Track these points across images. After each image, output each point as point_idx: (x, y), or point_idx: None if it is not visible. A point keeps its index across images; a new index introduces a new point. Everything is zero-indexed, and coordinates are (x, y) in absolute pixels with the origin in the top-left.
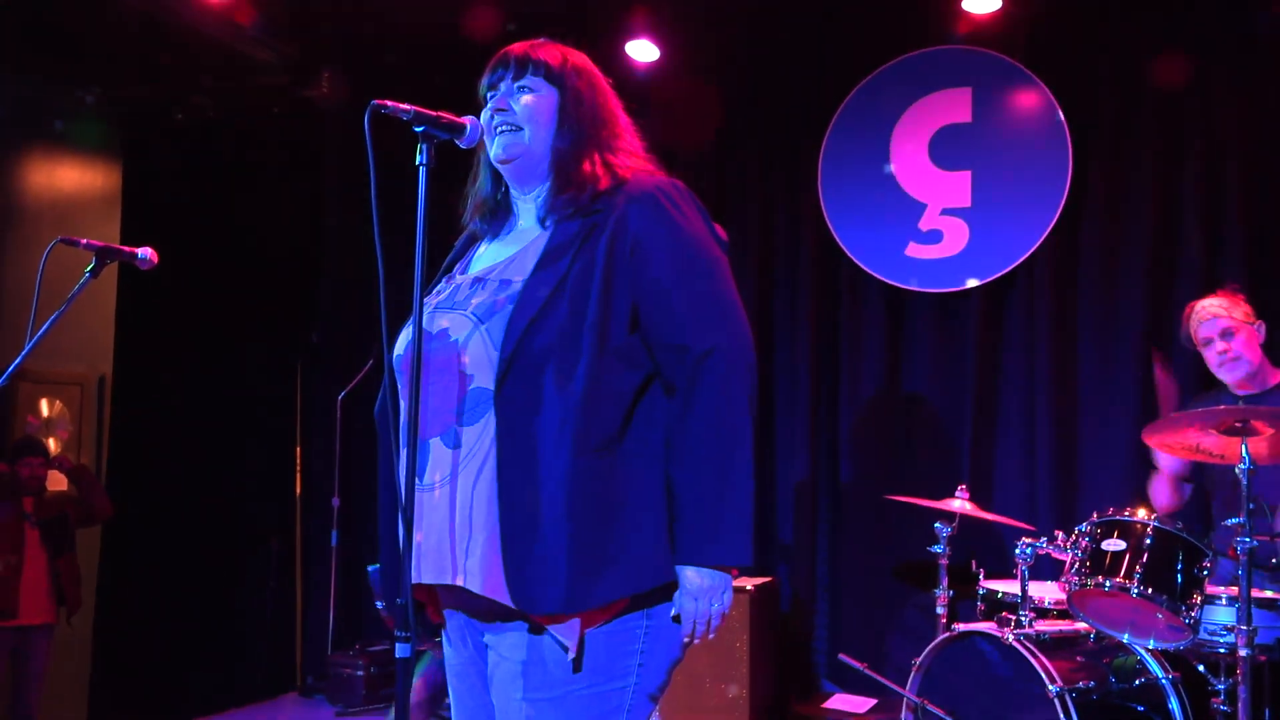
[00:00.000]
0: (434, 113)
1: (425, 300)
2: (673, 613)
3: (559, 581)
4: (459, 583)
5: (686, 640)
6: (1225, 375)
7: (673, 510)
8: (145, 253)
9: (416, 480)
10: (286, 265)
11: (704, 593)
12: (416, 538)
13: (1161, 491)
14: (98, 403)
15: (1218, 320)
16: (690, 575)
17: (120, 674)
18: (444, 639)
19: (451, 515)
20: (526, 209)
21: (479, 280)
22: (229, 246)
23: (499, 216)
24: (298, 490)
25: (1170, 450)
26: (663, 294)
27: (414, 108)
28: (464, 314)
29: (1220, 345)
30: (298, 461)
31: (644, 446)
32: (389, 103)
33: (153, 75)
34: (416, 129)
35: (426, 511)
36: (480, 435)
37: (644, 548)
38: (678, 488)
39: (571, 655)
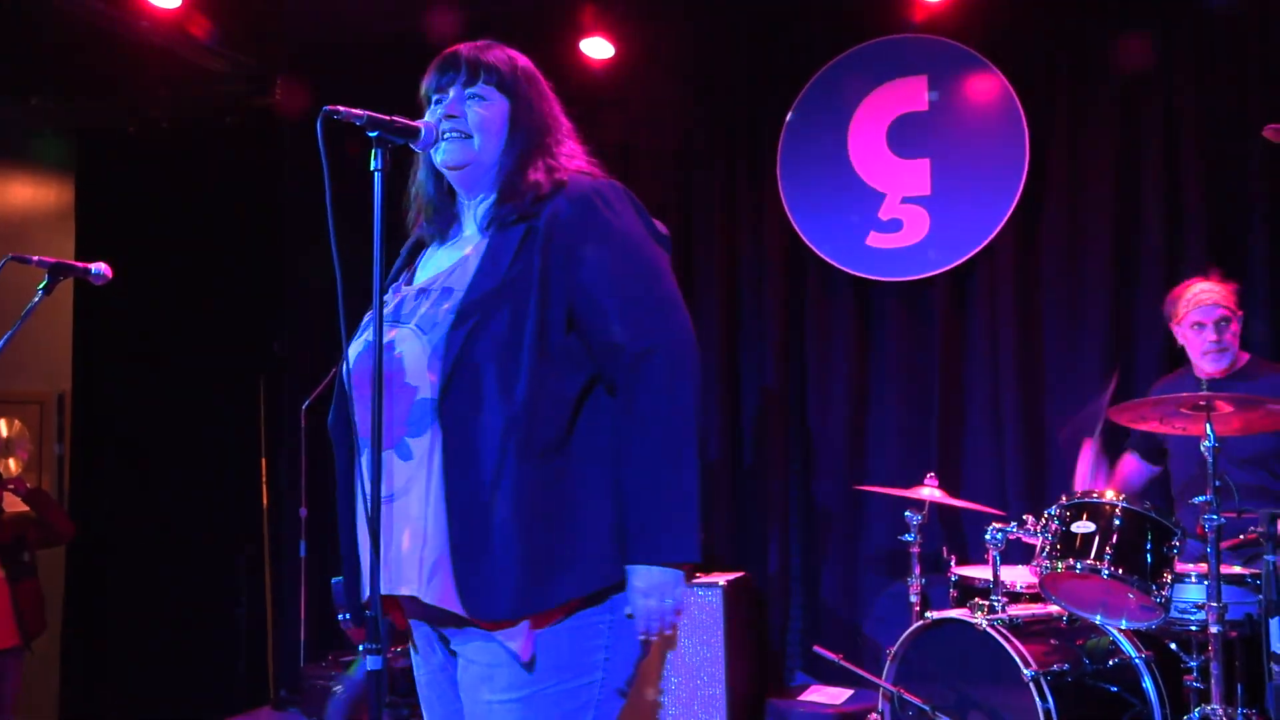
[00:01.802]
0: (387, 117)
1: (373, 313)
2: (626, 610)
3: (508, 589)
4: (415, 594)
5: (643, 638)
6: (1208, 364)
7: (622, 510)
8: (99, 268)
9: (362, 490)
10: (246, 275)
11: (654, 590)
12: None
13: (1122, 471)
14: (58, 421)
15: (1217, 308)
16: (640, 573)
17: (89, 693)
18: (411, 649)
19: (405, 527)
20: (470, 215)
21: (423, 291)
22: (187, 258)
23: (443, 219)
24: (264, 502)
25: (1137, 425)
26: (596, 295)
27: (367, 113)
28: (408, 327)
29: (1213, 335)
30: (263, 473)
31: (592, 447)
32: (342, 108)
33: (105, 88)
34: (371, 134)
35: (386, 523)
36: (427, 447)
37: (595, 549)
38: (625, 488)
39: (524, 660)
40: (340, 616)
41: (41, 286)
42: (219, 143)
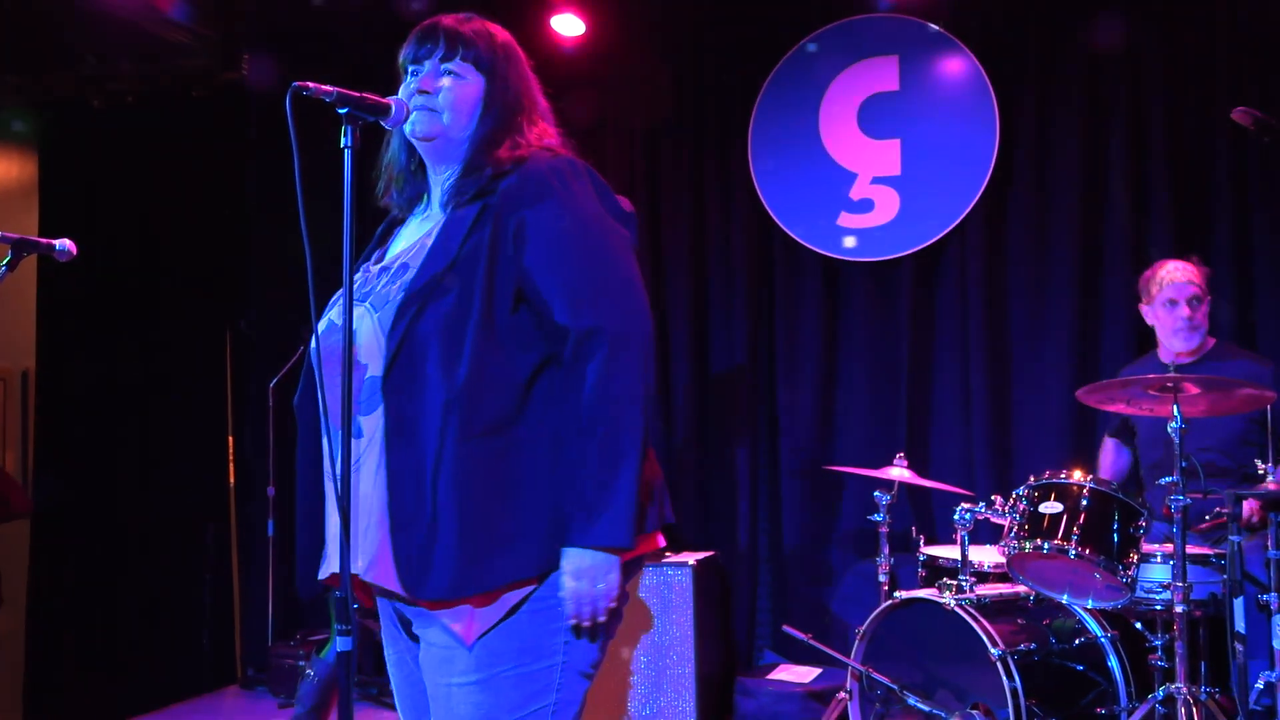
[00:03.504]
0: (357, 94)
1: (340, 292)
2: (560, 593)
3: (445, 567)
4: (358, 572)
5: (572, 623)
6: (1179, 341)
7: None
8: (64, 244)
9: (330, 469)
10: (213, 251)
11: (584, 573)
12: (332, 531)
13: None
14: (21, 397)
15: (1190, 285)
16: (571, 555)
17: (56, 672)
18: (382, 631)
19: (354, 505)
20: (437, 190)
21: (385, 269)
22: (153, 234)
23: (413, 190)
24: (231, 480)
25: (1105, 406)
26: (542, 274)
27: (336, 89)
28: (364, 306)
29: (1186, 310)
30: (230, 451)
31: (542, 428)
32: (311, 84)
33: (69, 62)
34: (340, 110)
35: (333, 501)
36: (375, 424)
37: (537, 531)
38: (562, 470)
39: (467, 643)
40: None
41: (4, 263)
42: (185, 117)
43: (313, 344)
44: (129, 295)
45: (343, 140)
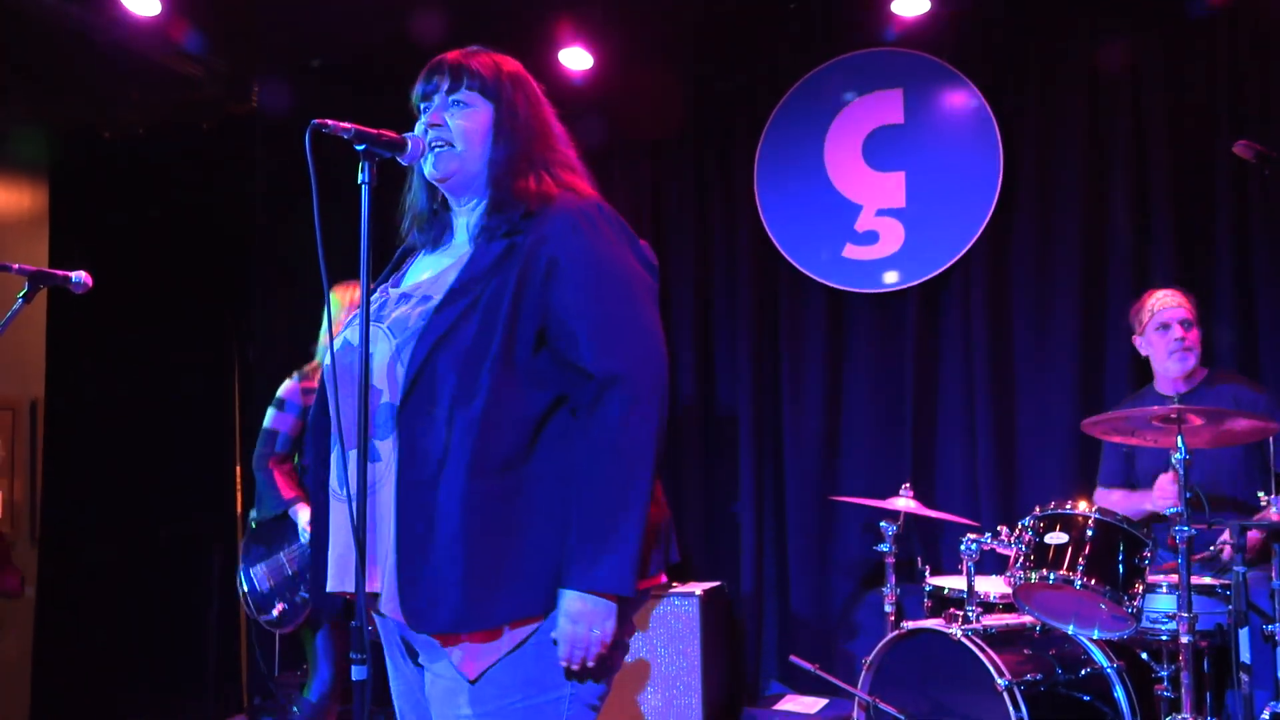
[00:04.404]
0: (375, 131)
1: (356, 313)
2: (552, 634)
3: (448, 603)
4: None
5: (564, 664)
6: (1175, 363)
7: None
8: (80, 276)
9: (338, 489)
10: (220, 282)
11: (581, 617)
12: (338, 552)
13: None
14: (30, 427)
15: (1180, 309)
16: (570, 599)
17: (61, 700)
18: (387, 658)
19: (374, 528)
20: (461, 222)
21: (405, 296)
22: (161, 264)
23: (435, 229)
24: (239, 509)
25: (1109, 437)
26: (567, 317)
27: (355, 126)
28: (381, 328)
29: (1179, 331)
30: (237, 478)
31: (552, 467)
32: (330, 122)
33: (81, 92)
34: (358, 147)
35: (343, 522)
36: (389, 451)
37: (541, 571)
38: (574, 511)
39: (470, 678)
40: (264, 616)
41: (21, 295)
42: (195, 148)
43: (326, 360)
44: (137, 325)
45: (360, 176)
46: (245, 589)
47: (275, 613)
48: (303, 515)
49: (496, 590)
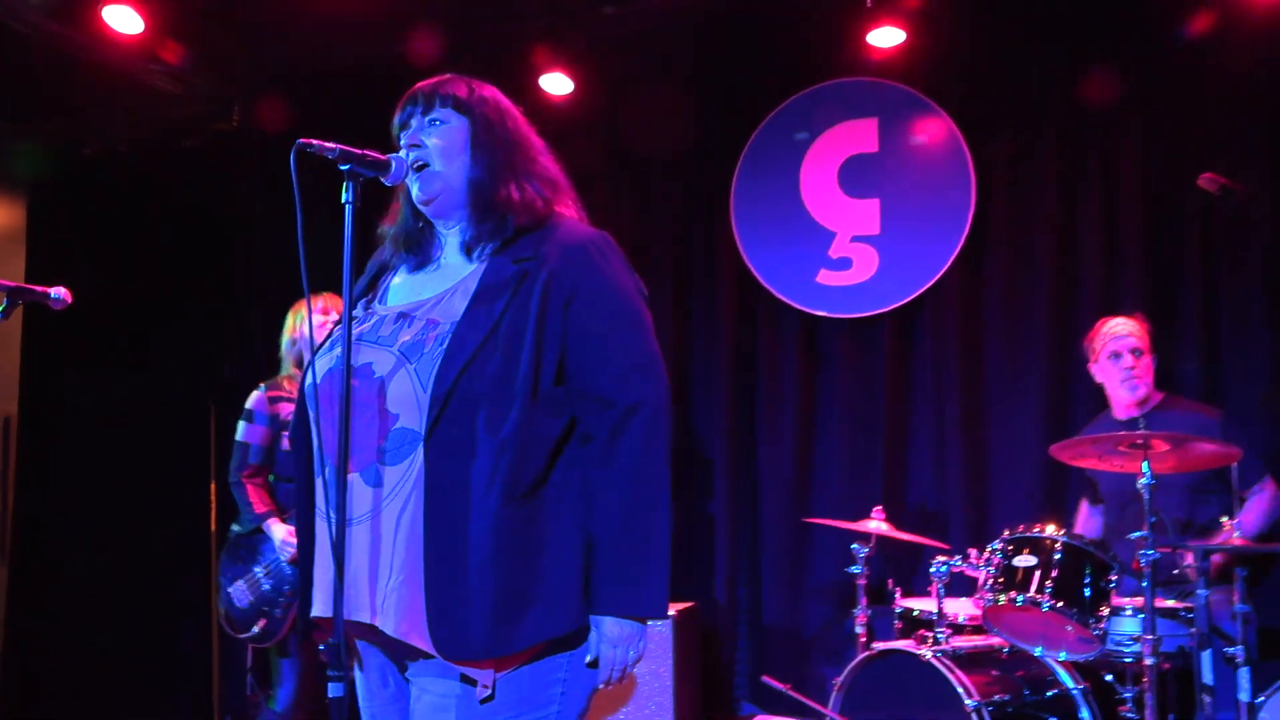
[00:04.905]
0: (359, 151)
1: (341, 334)
2: (589, 658)
3: (479, 630)
4: (374, 622)
5: (604, 686)
6: (1126, 391)
7: (591, 558)
8: (59, 292)
9: (333, 514)
10: (198, 300)
11: (622, 641)
12: (328, 574)
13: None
14: (3, 443)
15: (1130, 337)
16: (609, 624)
17: (33, 713)
18: (358, 675)
19: (371, 554)
20: (451, 241)
21: (404, 316)
22: (139, 281)
23: (421, 248)
24: (212, 526)
25: (1076, 462)
26: (593, 348)
27: (339, 146)
28: (389, 350)
29: (1130, 360)
30: (212, 496)
31: (565, 491)
32: (315, 141)
33: (62, 110)
34: (342, 167)
35: (323, 543)
36: (404, 475)
37: (563, 592)
38: (598, 539)
39: (482, 697)
40: (244, 634)
41: (0, 309)
42: (175, 165)
43: (308, 380)
44: (114, 342)
45: (344, 195)
46: (224, 608)
47: (257, 629)
48: (276, 530)
49: (522, 615)
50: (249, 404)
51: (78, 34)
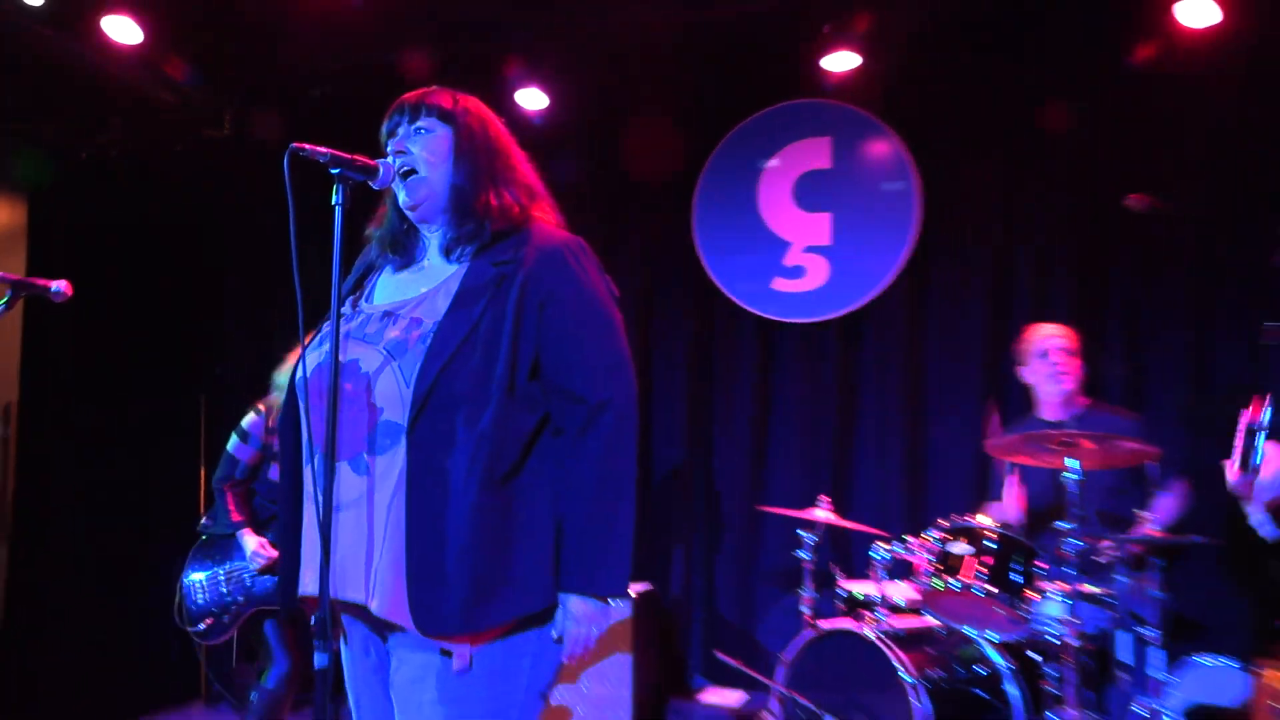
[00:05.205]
0: (349, 155)
1: (330, 330)
2: (555, 634)
3: (457, 608)
4: (363, 602)
5: (566, 660)
6: (1052, 385)
7: (560, 541)
8: (60, 285)
9: (315, 497)
10: (191, 298)
11: (585, 618)
12: (318, 554)
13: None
14: (2, 430)
15: (1058, 338)
16: (574, 602)
17: (24, 685)
18: (343, 646)
19: (362, 539)
20: (433, 243)
21: (389, 314)
22: (134, 279)
23: (405, 250)
24: (201, 511)
25: (1009, 457)
26: (567, 349)
27: (330, 151)
28: (375, 348)
29: (1057, 358)
30: (201, 483)
31: (538, 480)
32: (307, 146)
33: (60, 115)
34: (333, 171)
35: (314, 526)
36: (389, 466)
37: (534, 573)
38: (567, 524)
39: (459, 670)
40: (191, 629)
41: (3, 302)
42: (168, 169)
43: (299, 374)
44: (110, 337)
45: (334, 198)
46: (179, 599)
47: (203, 625)
48: (249, 541)
49: (496, 594)
50: (246, 424)
51: (79, 44)
